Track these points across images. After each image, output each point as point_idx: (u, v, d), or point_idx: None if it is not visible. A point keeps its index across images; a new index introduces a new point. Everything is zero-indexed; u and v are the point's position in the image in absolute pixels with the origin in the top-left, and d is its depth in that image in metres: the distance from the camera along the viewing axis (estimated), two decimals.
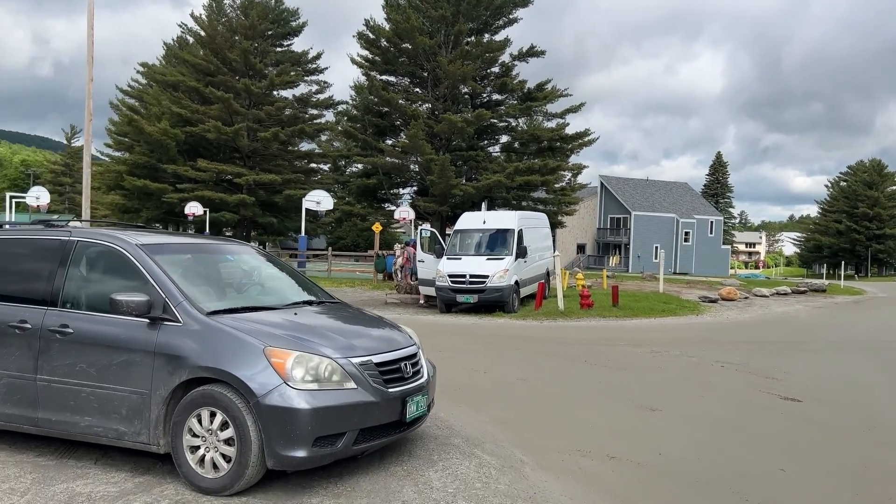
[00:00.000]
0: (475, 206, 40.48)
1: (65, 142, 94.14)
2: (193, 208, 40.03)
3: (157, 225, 52.95)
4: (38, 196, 31.86)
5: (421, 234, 18.62)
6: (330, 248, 27.18)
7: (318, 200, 28.10)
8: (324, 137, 56.45)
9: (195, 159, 44.50)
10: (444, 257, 17.15)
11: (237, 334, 4.47)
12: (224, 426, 4.31)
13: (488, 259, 16.57)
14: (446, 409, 6.59)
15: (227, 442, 4.31)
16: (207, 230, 43.78)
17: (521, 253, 16.87)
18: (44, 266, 5.09)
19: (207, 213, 42.37)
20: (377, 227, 26.44)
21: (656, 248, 60.94)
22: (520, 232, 17.29)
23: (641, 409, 7.17)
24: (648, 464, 5.37)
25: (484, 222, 17.77)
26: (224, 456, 4.33)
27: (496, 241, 17.22)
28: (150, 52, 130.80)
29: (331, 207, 29.04)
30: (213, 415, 4.35)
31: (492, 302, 16.02)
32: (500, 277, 15.87)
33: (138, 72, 52.20)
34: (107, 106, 50.56)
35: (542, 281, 18.20)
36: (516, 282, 16.50)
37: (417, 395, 4.95)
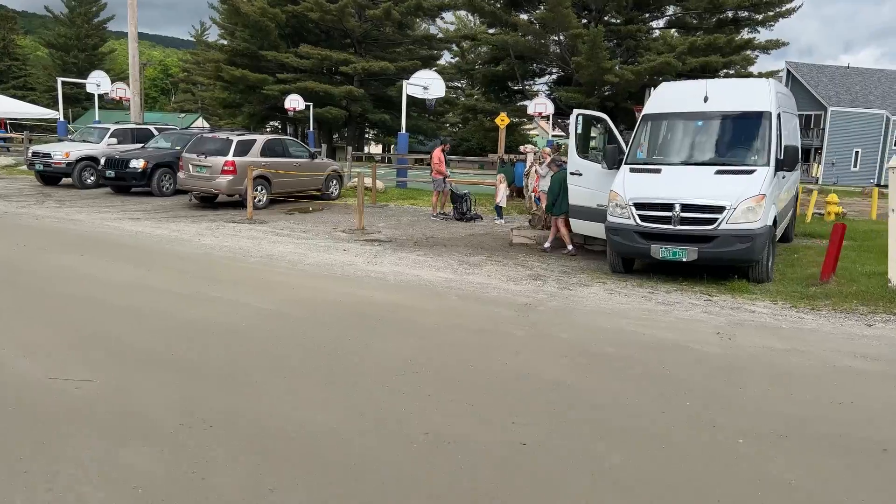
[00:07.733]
0: (633, 97, 31.45)
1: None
2: (294, 102, 33.94)
3: (277, 125, 47.39)
4: (99, 83, 26.39)
5: (577, 122, 9.97)
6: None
7: (426, 85, 20.36)
8: (452, 28, 48.01)
9: (299, 45, 38.19)
10: (625, 167, 8.89)
11: None
12: None
13: (719, 172, 8.22)
14: None
15: None
16: (311, 129, 37.81)
17: (789, 160, 8.28)
18: None
19: (311, 108, 36.17)
20: (502, 121, 18.37)
21: (856, 153, 48.65)
22: (779, 117, 8.76)
23: None
24: None
25: (706, 100, 8.92)
26: None
27: (735, 137, 8.72)
28: None
29: (442, 94, 21.30)
30: None
31: (727, 261, 7.90)
32: (750, 210, 7.59)
33: None
34: None
35: (840, 223, 9.53)
36: (774, 220, 8.18)
37: None
